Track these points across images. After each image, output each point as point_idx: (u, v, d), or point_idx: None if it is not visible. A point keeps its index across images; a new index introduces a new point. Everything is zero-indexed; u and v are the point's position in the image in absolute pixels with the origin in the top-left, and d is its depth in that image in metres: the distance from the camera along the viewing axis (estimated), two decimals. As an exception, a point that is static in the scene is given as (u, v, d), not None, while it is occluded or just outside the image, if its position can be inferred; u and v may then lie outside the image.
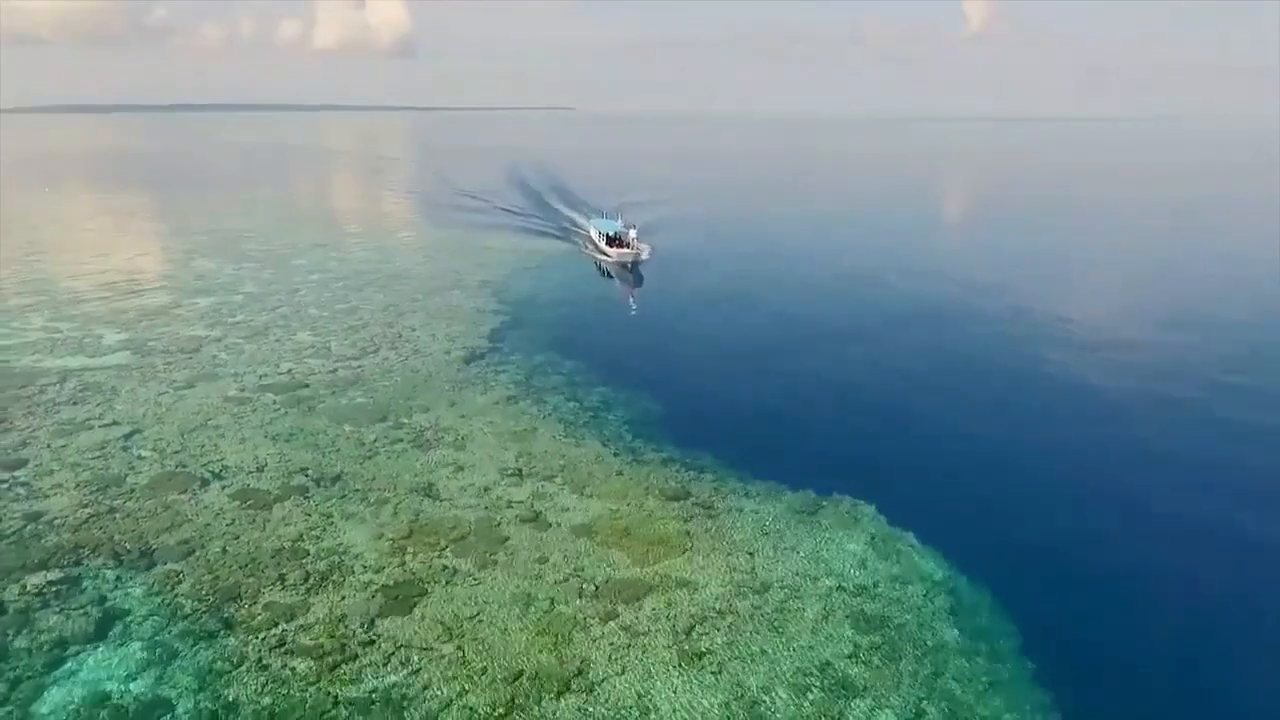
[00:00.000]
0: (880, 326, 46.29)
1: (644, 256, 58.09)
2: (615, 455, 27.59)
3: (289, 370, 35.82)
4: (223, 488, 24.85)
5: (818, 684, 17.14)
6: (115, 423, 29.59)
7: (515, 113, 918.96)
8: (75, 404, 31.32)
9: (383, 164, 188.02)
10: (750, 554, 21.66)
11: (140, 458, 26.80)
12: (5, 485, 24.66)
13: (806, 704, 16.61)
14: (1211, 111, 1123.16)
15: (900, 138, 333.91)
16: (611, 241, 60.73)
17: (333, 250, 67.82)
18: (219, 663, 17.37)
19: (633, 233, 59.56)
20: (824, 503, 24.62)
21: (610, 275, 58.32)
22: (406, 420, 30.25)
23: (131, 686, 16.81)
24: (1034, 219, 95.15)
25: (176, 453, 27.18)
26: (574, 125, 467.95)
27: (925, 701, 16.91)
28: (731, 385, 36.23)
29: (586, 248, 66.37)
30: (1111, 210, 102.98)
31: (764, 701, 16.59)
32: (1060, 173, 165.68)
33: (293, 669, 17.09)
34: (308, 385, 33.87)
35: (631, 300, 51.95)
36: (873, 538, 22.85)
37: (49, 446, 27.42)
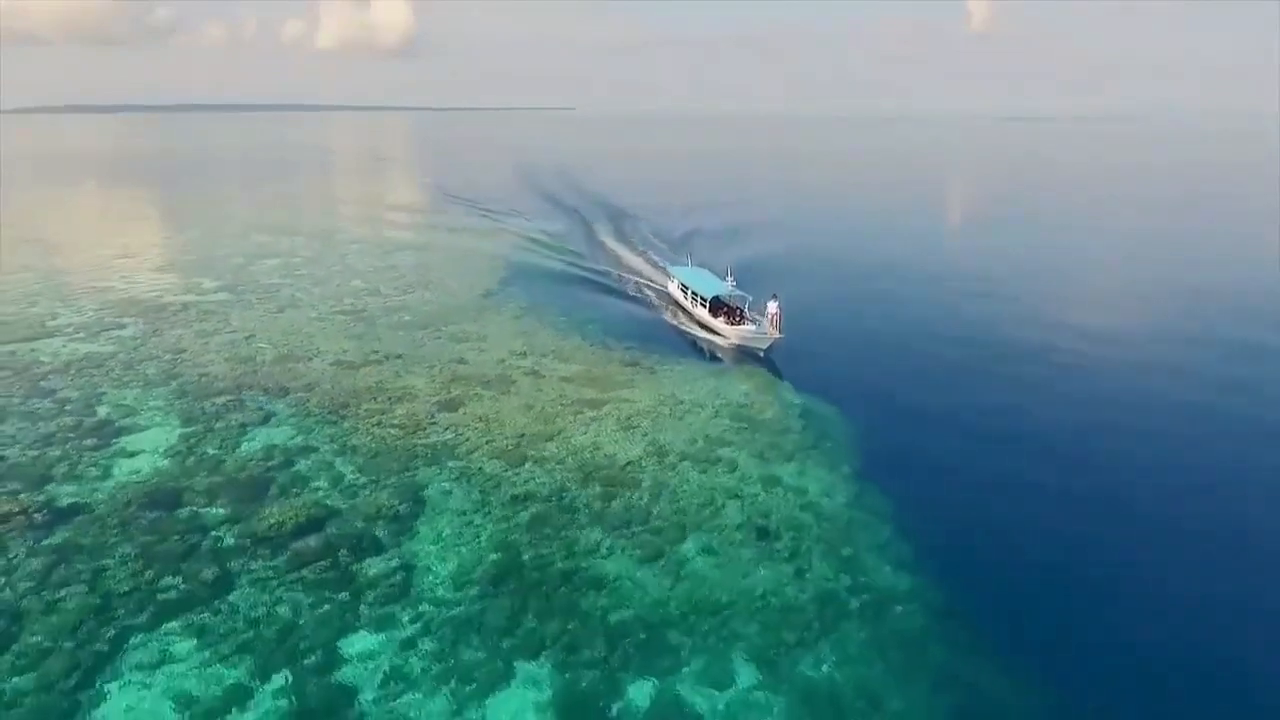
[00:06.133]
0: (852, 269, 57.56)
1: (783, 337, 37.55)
2: (591, 346, 39.09)
3: (351, 303, 47.45)
4: (322, 361, 36.46)
5: (702, 441, 28.54)
6: (235, 331, 41.24)
7: (518, 113, 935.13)
8: (202, 321, 43.00)
9: (393, 162, 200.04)
10: (672, 388, 33.20)
11: (261, 348, 38.41)
12: (179, 358, 36.40)
13: (694, 449, 27.95)
14: (1216, 109, 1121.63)
15: (905, 137, 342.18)
16: (717, 310, 42.08)
17: (365, 228, 79.71)
18: (341, 432, 28.85)
19: (773, 305, 37.98)
20: (730, 368, 36.09)
21: (717, 357, 38.94)
22: (443, 328, 41.81)
23: (289, 443, 28.16)
24: (1038, 215, 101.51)
25: (285, 345, 38.80)
26: (579, 125, 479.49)
27: (769, 451, 28.16)
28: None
29: (669, 310, 46.99)
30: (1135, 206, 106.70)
31: (669, 447, 27.96)
32: (1090, 171, 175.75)
33: (388, 432, 28.63)
34: (366, 310, 45.51)
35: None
36: (758, 384, 34.32)
37: (196, 343, 39.08)
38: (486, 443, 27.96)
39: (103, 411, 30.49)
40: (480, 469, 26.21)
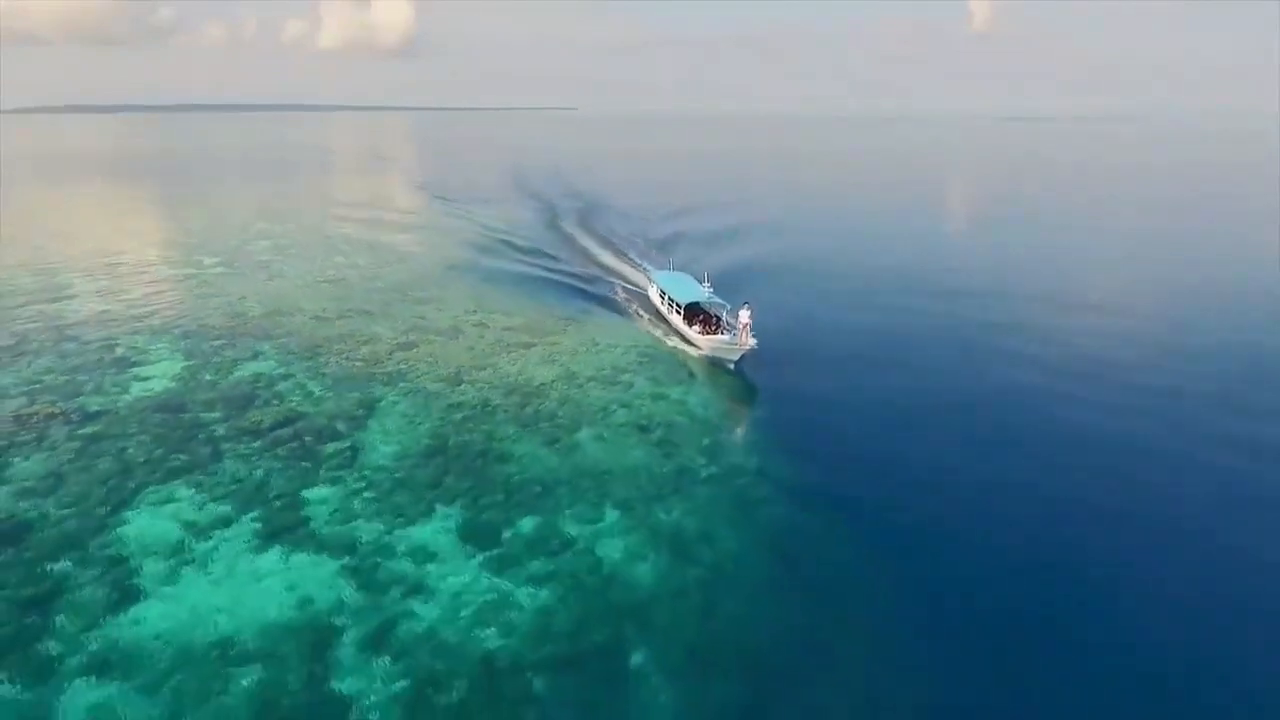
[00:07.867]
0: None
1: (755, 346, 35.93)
2: (536, 305, 45.47)
3: (332, 274, 53.85)
4: (303, 316, 42.83)
5: (608, 370, 34.85)
6: (230, 295, 47.59)
7: (519, 113, 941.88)
8: (202, 287, 49.40)
9: (391, 161, 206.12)
10: (594, 334, 39.60)
11: (251, 306, 44.78)
12: (182, 314, 42.81)
13: (601, 374, 34.25)
14: (1216, 109, 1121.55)
15: (905, 137, 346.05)
16: (693, 317, 40.06)
17: (356, 219, 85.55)
18: (315, 364, 35.15)
19: (745, 313, 36.18)
20: (650, 319, 42.38)
21: (692, 373, 36.05)
22: (409, 294, 48.21)
23: (272, 372, 34.44)
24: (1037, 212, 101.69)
25: (272, 304, 45.17)
26: (580, 125, 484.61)
27: (665, 377, 34.40)
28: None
29: (639, 315, 44.90)
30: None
31: (579, 373, 34.26)
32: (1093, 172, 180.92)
33: (353, 364, 34.99)
34: (345, 279, 51.93)
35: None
36: (666, 332, 40.58)
37: (196, 303, 45.45)
38: (432, 371, 34.30)
39: (119, 351, 36.82)
40: (425, 388, 32.53)
